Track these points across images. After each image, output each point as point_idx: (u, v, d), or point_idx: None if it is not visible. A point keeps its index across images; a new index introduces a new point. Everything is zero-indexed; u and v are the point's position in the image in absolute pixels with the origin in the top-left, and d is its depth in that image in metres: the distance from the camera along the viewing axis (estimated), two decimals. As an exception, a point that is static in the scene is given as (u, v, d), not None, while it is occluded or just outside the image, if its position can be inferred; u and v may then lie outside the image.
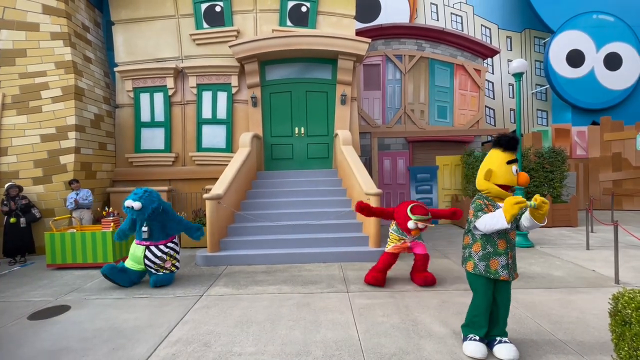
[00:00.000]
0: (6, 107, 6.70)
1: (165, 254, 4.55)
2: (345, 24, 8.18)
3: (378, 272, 4.30)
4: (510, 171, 2.59)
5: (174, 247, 4.71)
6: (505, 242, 2.62)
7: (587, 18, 13.31)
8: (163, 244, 4.58)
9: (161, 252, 4.53)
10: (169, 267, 4.57)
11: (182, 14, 8.13)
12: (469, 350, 2.66)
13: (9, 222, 5.93)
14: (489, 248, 2.64)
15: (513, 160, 2.61)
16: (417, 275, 4.33)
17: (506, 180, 2.59)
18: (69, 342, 3.03)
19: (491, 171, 2.64)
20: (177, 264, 4.73)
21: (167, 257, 4.55)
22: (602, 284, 4.19)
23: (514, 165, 2.60)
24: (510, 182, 2.60)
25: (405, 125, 10.09)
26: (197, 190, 7.84)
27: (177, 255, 4.74)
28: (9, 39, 6.74)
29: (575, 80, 13.35)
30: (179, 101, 8.18)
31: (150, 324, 3.36)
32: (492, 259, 2.61)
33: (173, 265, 4.65)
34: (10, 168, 6.62)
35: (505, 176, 2.59)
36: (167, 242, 4.63)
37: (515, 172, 2.60)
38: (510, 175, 2.59)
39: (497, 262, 2.61)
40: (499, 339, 2.67)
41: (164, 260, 4.52)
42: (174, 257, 4.68)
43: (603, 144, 11.43)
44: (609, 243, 6.21)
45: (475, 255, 2.68)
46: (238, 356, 2.73)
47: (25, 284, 4.77)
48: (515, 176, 2.60)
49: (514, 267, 2.68)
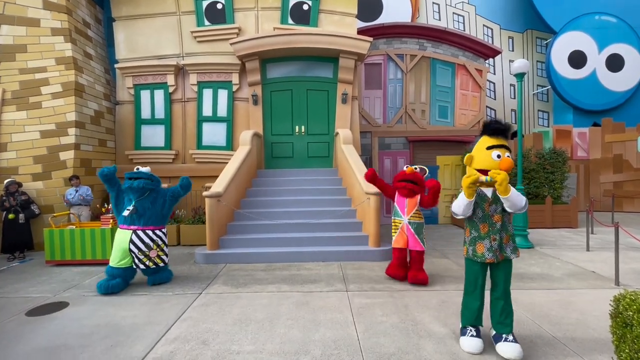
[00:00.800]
0: (6, 103, 6.68)
1: (153, 242, 4.33)
2: (347, 23, 8.15)
3: (394, 268, 4.45)
4: (489, 156, 2.56)
5: (162, 236, 4.47)
6: (487, 225, 2.67)
7: (589, 19, 13.27)
8: (151, 229, 4.36)
9: (148, 237, 4.31)
10: (153, 258, 4.30)
11: (183, 11, 8.10)
12: (465, 345, 2.72)
13: (8, 218, 5.92)
14: (474, 232, 2.74)
15: (495, 145, 2.58)
16: (409, 273, 4.35)
17: (485, 165, 2.58)
18: (67, 339, 3.02)
19: (472, 157, 2.69)
20: (164, 257, 4.45)
21: (154, 246, 4.32)
22: (602, 286, 4.18)
23: (495, 150, 2.56)
24: (489, 167, 2.55)
25: (406, 125, 10.06)
26: (197, 188, 7.78)
27: (164, 247, 4.48)
28: (10, 34, 6.71)
29: (577, 81, 13.32)
30: (180, 98, 8.16)
31: (148, 322, 3.35)
32: (478, 242, 2.70)
33: (159, 257, 4.37)
34: (9, 164, 6.61)
35: (484, 161, 2.59)
36: (155, 228, 4.40)
37: (497, 157, 2.55)
38: (489, 160, 2.56)
39: (482, 246, 2.67)
40: (505, 337, 2.64)
41: (150, 248, 4.28)
42: (161, 249, 4.42)
43: (604, 146, 11.41)
44: (610, 244, 6.19)
45: (467, 240, 2.82)
46: (236, 354, 2.72)
47: (24, 280, 4.76)
48: (496, 161, 2.54)
49: (502, 250, 2.66)
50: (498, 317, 2.72)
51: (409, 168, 4.38)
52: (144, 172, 4.44)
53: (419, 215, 4.36)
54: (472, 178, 2.51)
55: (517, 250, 2.74)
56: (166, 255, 4.51)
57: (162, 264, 4.44)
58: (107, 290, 4.10)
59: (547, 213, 8.14)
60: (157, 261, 4.38)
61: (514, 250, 2.71)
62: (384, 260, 5.44)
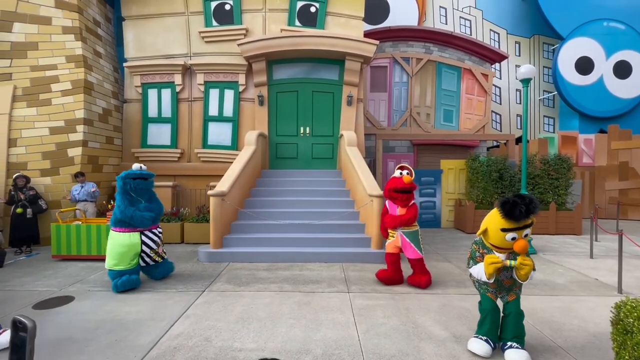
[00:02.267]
0: (17, 99, 6.79)
1: (160, 238, 4.55)
2: (353, 25, 8.19)
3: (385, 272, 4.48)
4: (503, 238, 2.50)
5: (160, 235, 4.62)
6: (496, 284, 2.75)
7: (597, 25, 13.22)
8: (155, 228, 4.52)
9: (156, 236, 4.47)
10: (161, 252, 4.53)
11: (191, 12, 8.19)
12: (474, 347, 2.75)
13: (16, 212, 6.01)
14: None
15: (510, 229, 2.46)
16: (411, 277, 4.41)
17: (499, 244, 2.56)
18: (72, 332, 3.08)
19: (487, 231, 2.64)
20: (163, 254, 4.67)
21: (160, 242, 4.55)
22: (605, 293, 4.17)
23: (510, 234, 2.46)
24: (504, 246, 2.55)
25: (411, 128, 10.08)
26: (201, 186, 7.90)
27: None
28: (22, 32, 6.83)
29: (584, 87, 13.25)
30: (186, 98, 8.25)
31: (152, 317, 3.40)
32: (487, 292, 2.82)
33: (163, 251, 4.63)
34: (19, 159, 6.71)
35: (497, 241, 2.56)
36: (156, 227, 4.56)
37: (512, 240, 2.48)
38: (504, 241, 2.51)
39: (491, 294, 2.82)
40: (510, 344, 2.68)
41: (159, 245, 4.49)
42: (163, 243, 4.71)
43: (610, 153, 11.34)
44: (613, 252, 6.16)
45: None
46: (238, 351, 2.76)
47: (31, 274, 4.84)
48: (510, 242, 2.49)
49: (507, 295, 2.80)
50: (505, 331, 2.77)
51: (406, 177, 4.22)
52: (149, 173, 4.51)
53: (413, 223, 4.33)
54: (497, 265, 2.49)
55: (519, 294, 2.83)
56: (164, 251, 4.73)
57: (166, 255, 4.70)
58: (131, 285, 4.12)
59: (550, 219, 8.11)
60: (164, 255, 4.62)
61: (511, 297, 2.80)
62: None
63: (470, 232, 8.24)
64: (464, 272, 4.99)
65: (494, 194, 8.42)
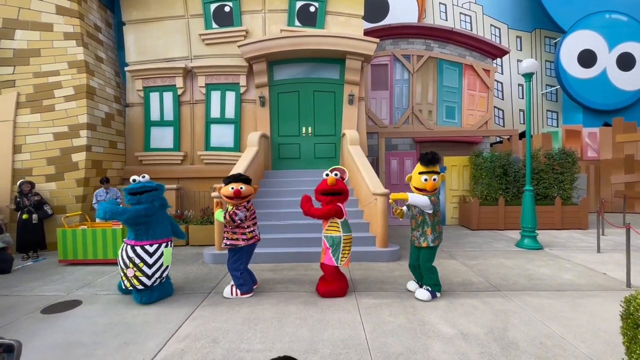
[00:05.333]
0: (21, 106, 6.85)
1: (130, 259, 3.74)
2: (353, 24, 8.18)
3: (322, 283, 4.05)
4: (420, 180, 3.67)
5: (142, 254, 3.75)
6: (414, 221, 3.89)
7: (599, 17, 13.11)
8: (132, 244, 3.80)
9: (126, 254, 3.78)
10: (130, 277, 3.73)
11: (191, 14, 8.21)
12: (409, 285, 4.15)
13: (22, 218, 6.06)
14: (411, 226, 3.98)
15: (424, 172, 3.67)
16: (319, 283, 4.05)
17: (418, 184, 3.72)
18: (81, 336, 3.10)
19: (411, 177, 3.82)
20: (142, 278, 3.72)
21: (130, 264, 3.74)
22: (613, 287, 4.13)
23: (424, 175, 3.65)
24: (420, 186, 3.69)
25: (413, 126, 10.05)
26: (204, 188, 7.92)
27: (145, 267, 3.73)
28: (24, 39, 6.89)
29: (587, 80, 13.16)
30: (188, 100, 8.27)
31: (159, 320, 3.41)
32: (412, 233, 3.95)
33: (136, 277, 3.71)
34: (24, 165, 6.77)
35: (416, 182, 3.73)
36: (137, 244, 3.78)
37: (425, 181, 3.64)
38: (420, 182, 3.67)
39: (413, 235, 3.93)
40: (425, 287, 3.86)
41: (127, 266, 3.75)
42: (140, 268, 3.72)
43: (615, 146, 11.24)
44: (621, 246, 6.11)
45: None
46: (246, 352, 2.76)
47: (38, 279, 4.88)
48: (424, 183, 3.65)
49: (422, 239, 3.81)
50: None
51: (330, 177, 3.89)
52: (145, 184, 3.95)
53: (335, 227, 3.89)
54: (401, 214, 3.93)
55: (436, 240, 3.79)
56: (148, 277, 3.75)
57: (140, 287, 3.74)
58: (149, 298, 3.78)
59: (556, 214, 8.05)
60: (134, 282, 3.73)
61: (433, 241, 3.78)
62: (391, 261, 5.45)
63: (475, 229, 8.21)
64: (470, 269, 4.96)
65: (499, 190, 8.38)
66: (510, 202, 8.26)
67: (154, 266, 3.80)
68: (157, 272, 3.84)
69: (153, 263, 3.79)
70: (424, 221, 3.78)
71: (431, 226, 3.77)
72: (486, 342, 2.86)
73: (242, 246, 3.97)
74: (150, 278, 3.78)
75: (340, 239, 3.89)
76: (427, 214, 3.75)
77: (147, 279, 3.76)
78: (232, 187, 3.90)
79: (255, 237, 4.10)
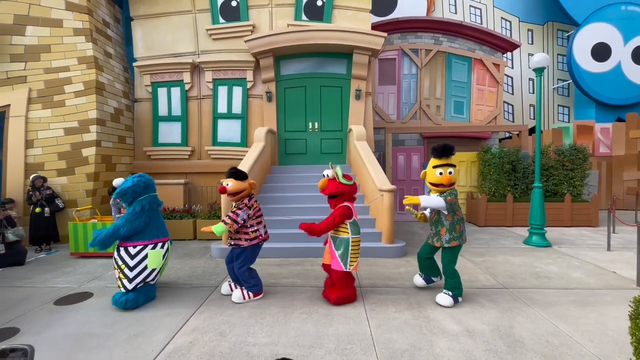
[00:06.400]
0: (32, 102, 6.96)
1: (115, 261, 3.66)
2: (360, 18, 8.09)
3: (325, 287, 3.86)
4: (434, 174, 3.46)
5: (124, 256, 3.59)
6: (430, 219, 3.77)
7: (614, 9, 12.75)
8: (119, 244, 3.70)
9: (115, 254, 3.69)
10: (116, 279, 3.65)
11: (198, 9, 8.21)
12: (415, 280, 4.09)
13: (35, 211, 6.20)
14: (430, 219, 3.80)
15: (438, 165, 3.46)
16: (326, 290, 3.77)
17: (432, 179, 3.51)
18: (92, 327, 3.18)
19: (425, 172, 3.61)
20: (124, 281, 3.55)
21: (115, 265, 3.66)
22: (623, 286, 4.08)
23: (438, 169, 3.45)
24: (436, 181, 3.47)
25: (421, 121, 9.96)
26: (212, 183, 7.99)
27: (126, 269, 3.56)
28: (35, 35, 6.97)
29: (600, 74, 12.85)
30: (196, 96, 8.31)
31: (167, 313, 3.47)
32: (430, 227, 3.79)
33: (120, 279, 3.59)
34: (36, 160, 6.90)
35: (431, 177, 3.52)
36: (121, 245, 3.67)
37: (440, 175, 3.44)
38: (435, 177, 3.47)
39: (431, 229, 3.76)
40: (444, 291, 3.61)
41: (114, 267, 3.69)
42: (121, 270, 3.58)
43: (628, 142, 11.00)
44: (632, 244, 6.01)
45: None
46: (252, 346, 2.80)
47: (51, 271, 5.00)
48: (438, 177, 3.44)
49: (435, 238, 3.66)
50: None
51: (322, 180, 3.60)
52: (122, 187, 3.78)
53: (343, 228, 3.60)
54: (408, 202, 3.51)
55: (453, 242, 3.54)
56: (129, 280, 3.57)
57: (122, 290, 3.59)
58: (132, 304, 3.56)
59: (566, 211, 7.94)
60: (119, 284, 3.63)
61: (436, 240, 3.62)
62: (397, 257, 5.45)
63: (483, 225, 8.14)
64: (476, 266, 4.94)
65: (507, 187, 8.28)
66: (519, 198, 8.16)
67: (135, 269, 3.57)
68: (139, 275, 3.59)
69: (134, 266, 3.58)
70: (438, 220, 3.59)
71: (447, 226, 3.53)
72: (492, 340, 2.86)
73: (245, 247, 3.74)
74: (131, 281, 3.56)
75: (349, 241, 3.57)
76: (442, 213, 3.56)
77: (128, 282, 3.56)
78: (221, 183, 3.69)
79: (259, 237, 3.79)
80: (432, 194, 3.57)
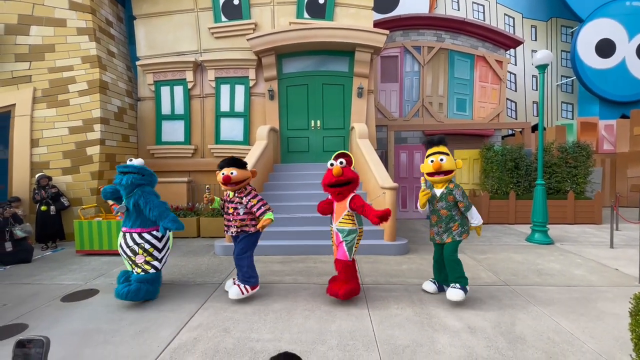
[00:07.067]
0: (37, 101, 7.02)
1: (138, 245, 3.73)
2: (363, 16, 8.08)
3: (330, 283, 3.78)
4: (427, 163, 3.62)
5: (151, 239, 3.78)
6: (436, 217, 3.68)
7: (619, 5, 12.62)
8: (138, 231, 3.77)
9: (133, 241, 3.74)
10: (140, 264, 3.74)
11: (200, 8, 8.23)
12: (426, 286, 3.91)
13: (40, 209, 6.28)
14: (430, 221, 3.79)
15: (430, 154, 3.63)
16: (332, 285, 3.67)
17: (426, 169, 3.65)
18: (98, 324, 3.23)
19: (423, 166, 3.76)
20: (154, 262, 3.77)
21: (140, 250, 3.74)
22: (625, 284, 4.08)
23: (430, 157, 3.60)
24: (429, 170, 3.61)
25: (423, 119, 9.94)
26: (215, 181, 8.02)
27: (155, 252, 3.79)
28: (39, 35, 7.02)
29: (605, 71, 12.75)
30: (198, 94, 8.35)
31: (172, 309, 3.52)
32: (430, 229, 3.79)
33: (148, 263, 3.74)
34: (41, 159, 6.97)
35: (425, 168, 3.66)
36: (143, 230, 3.78)
37: (431, 162, 3.57)
38: (427, 166, 3.61)
39: (432, 232, 3.76)
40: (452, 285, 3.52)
41: (136, 253, 3.73)
42: (150, 253, 3.75)
43: (633, 139, 10.93)
44: (635, 242, 6.00)
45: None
46: (256, 342, 2.84)
47: (57, 269, 5.07)
48: (430, 165, 3.57)
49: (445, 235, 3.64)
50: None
51: (335, 167, 3.54)
52: (134, 166, 3.83)
53: (350, 219, 3.59)
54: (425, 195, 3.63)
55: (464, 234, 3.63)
56: (159, 261, 3.84)
57: (153, 271, 3.77)
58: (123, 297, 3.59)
59: (569, 208, 7.92)
60: (146, 267, 3.75)
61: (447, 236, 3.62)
62: (399, 254, 5.48)
63: (485, 223, 8.13)
64: (478, 264, 4.96)
65: (510, 184, 8.27)
66: (522, 196, 8.15)
67: (162, 250, 3.90)
68: (165, 255, 3.96)
69: (162, 247, 3.91)
70: (450, 217, 3.57)
71: (459, 221, 3.60)
72: (493, 336, 2.88)
73: (253, 232, 3.76)
74: (160, 261, 3.87)
75: (356, 232, 3.61)
76: (454, 209, 3.58)
77: (158, 263, 3.85)
78: (223, 173, 3.62)
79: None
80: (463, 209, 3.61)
